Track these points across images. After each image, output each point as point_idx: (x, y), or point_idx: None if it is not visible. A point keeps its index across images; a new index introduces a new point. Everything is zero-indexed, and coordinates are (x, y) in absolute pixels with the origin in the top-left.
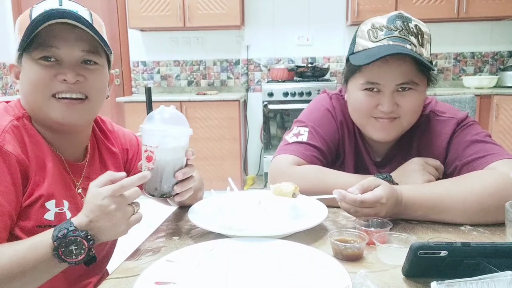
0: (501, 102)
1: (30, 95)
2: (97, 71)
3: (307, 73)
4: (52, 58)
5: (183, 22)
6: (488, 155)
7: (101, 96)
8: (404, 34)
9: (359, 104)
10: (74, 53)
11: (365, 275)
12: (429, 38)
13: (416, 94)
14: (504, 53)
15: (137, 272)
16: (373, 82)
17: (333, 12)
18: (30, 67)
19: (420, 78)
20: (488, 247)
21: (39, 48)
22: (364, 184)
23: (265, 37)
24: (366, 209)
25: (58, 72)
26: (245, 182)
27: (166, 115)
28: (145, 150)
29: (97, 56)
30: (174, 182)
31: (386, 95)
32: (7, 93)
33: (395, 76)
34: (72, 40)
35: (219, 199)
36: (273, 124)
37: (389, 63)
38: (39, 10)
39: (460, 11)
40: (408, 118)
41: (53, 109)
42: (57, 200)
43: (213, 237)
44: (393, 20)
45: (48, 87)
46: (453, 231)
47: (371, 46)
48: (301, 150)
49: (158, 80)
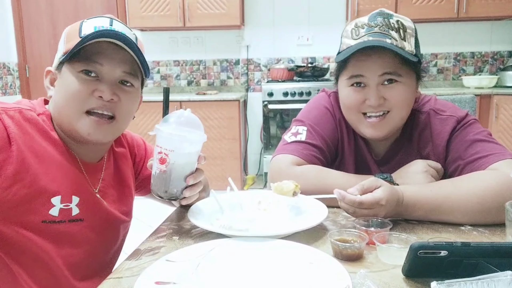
0: (501, 102)
1: (64, 106)
2: (131, 93)
3: (307, 73)
4: (93, 73)
5: (183, 22)
6: (490, 155)
7: (129, 118)
8: (384, 29)
9: (347, 100)
10: (115, 73)
11: (365, 275)
12: (413, 32)
13: (402, 87)
14: (504, 53)
15: (137, 272)
16: (357, 75)
17: (333, 12)
18: (70, 77)
19: (405, 71)
20: (488, 247)
21: (84, 61)
22: (364, 184)
23: (265, 37)
24: (365, 210)
25: (96, 89)
26: (245, 182)
27: (183, 119)
28: (159, 151)
29: (135, 79)
30: (184, 186)
31: (371, 88)
32: (7, 93)
33: (377, 67)
34: (116, 60)
35: (219, 199)
36: (273, 124)
37: (371, 57)
38: (90, 26)
39: (460, 11)
40: (398, 112)
41: (82, 125)
42: (64, 196)
43: (213, 237)
44: (374, 18)
45: (84, 102)
46: (453, 231)
47: (352, 44)
48: (300, 150)
49: (158, 80)
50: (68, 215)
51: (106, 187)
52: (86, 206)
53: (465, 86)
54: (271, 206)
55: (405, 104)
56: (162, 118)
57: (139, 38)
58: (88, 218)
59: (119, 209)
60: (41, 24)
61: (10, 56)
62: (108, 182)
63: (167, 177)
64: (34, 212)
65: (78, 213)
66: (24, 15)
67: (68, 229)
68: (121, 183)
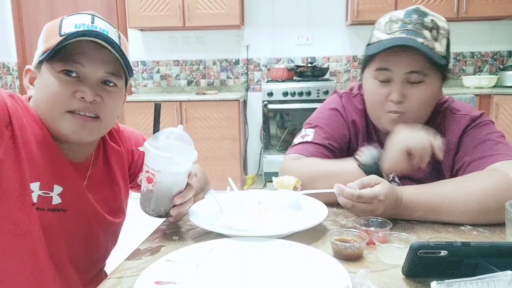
0: (501, 102)
1: (45, 107)
2: (115, 94)
3: (307, 72)
4: (74, 73)
5: (183, 22)
6: (495, 154)
7: (113, 118)
8: (418, 27)
9: (372, 94)
10: (97, 73)
11: (365, 275)
12: (446, 33)
13: (426, 88)
14: (503, 53)
15: (137, 272)
16: (384, 68)
17: (333, 12)
18: (50, 77)
19: (432, 71)
20: (488, 247)
21: (63, 61)
22: (364, 180)
23: (265, 37)
24: (363, 205)
25: (78, 90)
26: (245, 182)
27: (173, 137)
28: (146, 170)
29: (118, 78)
30: (171, 205)
31: (396, 83)
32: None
33: (405, 64)
34: (98, 60)
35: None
36: (273, 123)
37: (400, 54)
38: (70, 24)
39: (459, 11)
40: (414, 113)
41: (65, 124)
42: (43, 183)
43: (213, 237)
44: (409, 14)
45: (65, 103)
46: (453, 231)
47: (384, 38)
48: (305, 148)
49: (157, 79)
50: (48, 203)
51: (93, 184)
52: (71, 198)
53: (465, 86)
54: (271, 206)
55: (425, 105)
56: (152, 135)
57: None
58: (71, 210)
59: (107, 206)
60: (41, 24)
61: (10, 56)
62: (96, 179)
63: (154, 196)
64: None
65: (60, 203)
66: (24, 15)
67: (48, 217)
68: (110, 181)
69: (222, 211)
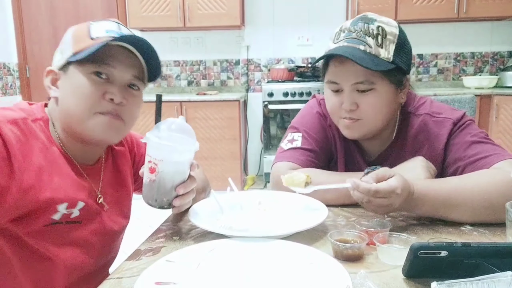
0: (501, 102)
1: (74, 107)
2: (137, 97)
3: (307, 73)
4: (104, 75)
5: (183, 22)
6: (490, 155)
7: (134, 121)
8: (361, 35)
9: (328, 102)
10: (126, 76)
11: (365, 275)
12: (394, 38)
13: (376, 95)
14: (504, 53)
15: (137, 272)
16: (333, 82)
17: (333, 12)
18: (80, 78)
19: (379, 78)
20: (488, 247)
21: (96, 63)
22: (378, 173)
23: (265, 37)
24: (380, 199)
25: (107, 91)
26: (245, 182)
27: (174, 127)
28: (149, 160)
29: (141, 83)
30: (174, 195)
31: (345, 94)
32: (7, 93)
33: (349, 76)
34: (126, 64)
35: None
36: (273, 124)
37: (344, 64)
38: (100, 29)
39: (460, 11)
40: (370, 119)
41: (94, 124)
42: (70, 203)
43: (213, 237)
44: (355, 22)
45: (94, 104)
46: (453, 231)
47: (332, 47)
48: (296, 156)
49: (158, 80)
50: (67, 218)
51: (105, 187)
52: (88, 210)
53: (465, 86)
54: (271, 207)
55: (379, 111)
56: (154, 126)
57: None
58: (86, 221)
59: (119, 210)
60: (42, 24)
61: (10, 56)
62: (107, 182)
63: (157, 187)
64: (38, 221)
65: (78, 215)
66: (24, 16)
67: (62, 229)
68: (120, 183)
69: (222, 212)
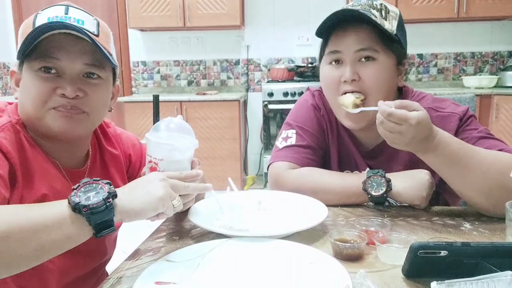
0: (501, 102)
1: (29, 107)
2: (99, 86)
3: (307, 73)
4: (52, 69)
5: (183, 22)
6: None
7: (101, 112)
8: (366, 8)
9: (326, 78)
10: (76, 66)
11: (365, 275)
12: (396, 16)
13: (378, 66)
14: (504, 53)
15: (137, 272)
16: (334, 51)
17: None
18: (30, 77)
19: (382, 48)
20: (488, 247)
21: (40, 58)
22: (404, 102)
23: (265, 37)
24: (391, 124)
25: (58, 86)
26: (245, 182)
27: (173, 126)
28: (149, 160)
29: (101, 70)
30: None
31: (347, 63)
32: (7, 93)
33: (353, 42)
34: (75, 52)
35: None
36: (273, 124)
37: (347, 31)
38: (43, 18)
39: (460, 11)
40: (373, 93)
41: (51, 120)
42: None
43: (213, 237)
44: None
45: (47, 102)
46: (453, 231)
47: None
48: (291, 155)
49: (158, 80)
50: None
51: None
52: None
53: (465, 86)
54: (271, 206)
55: (381, 87)
56: (153, 126)
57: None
58: None
59: None
60: None
61: (10, 56)
62: None
63: None
64: None
65: None
66: (24, 15)
67: None
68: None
69: (222, 211)
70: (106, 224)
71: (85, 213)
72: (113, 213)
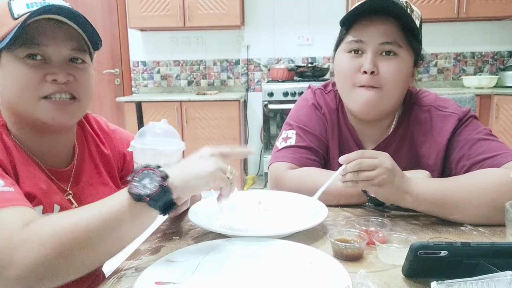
0: (501, 102)
1: (17, 98)
2: (85, 71)
3: (307, 73)
4: (38, 56)
5: (183, 22)
6: (496, 155)
7: (90, 96)
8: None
9: (343, 67)
10: (62, 51)
11: (365, 275)
12: (419, 16)
13: (398, 62)
14: (504, 53)
15: (137, 272)
16: (357, 40)
17: (333, 12)
18: (15, 66)
19: (406, 44)
20: (488, 247)
21: (25, 45)
22: (365, 152)
23: (265, 37)
24: (366, 172)
25: (48, 72)
26: (245, 182)
27: (157, 130)
28: None
29: (84, 54)
30: None
31: (368, 54)
32: None
33: (379, 34)
34: (60, 38)
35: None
36: (273, 124)
37: (374, 22)
38: (21, 5)
39: (460, 11)
40: (389, 88)
41: (43, 111)
42: (45, 206)
43: (213, 237)
44: None
45: (37, 89)
46: (453, 231)
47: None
48: (290, 155)
49: (158, 80)
50: None
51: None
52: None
53: (465, 86)
54: (271, 206)
55: (398, 83)
56: (137, 133)
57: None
58: None
59: None
60: None
61: None
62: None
63: None
64: None
65: None
66: None
67: None
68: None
69: (222, 211)
70: (169, 204)
71: (148, 202)
72: (171, 193)
